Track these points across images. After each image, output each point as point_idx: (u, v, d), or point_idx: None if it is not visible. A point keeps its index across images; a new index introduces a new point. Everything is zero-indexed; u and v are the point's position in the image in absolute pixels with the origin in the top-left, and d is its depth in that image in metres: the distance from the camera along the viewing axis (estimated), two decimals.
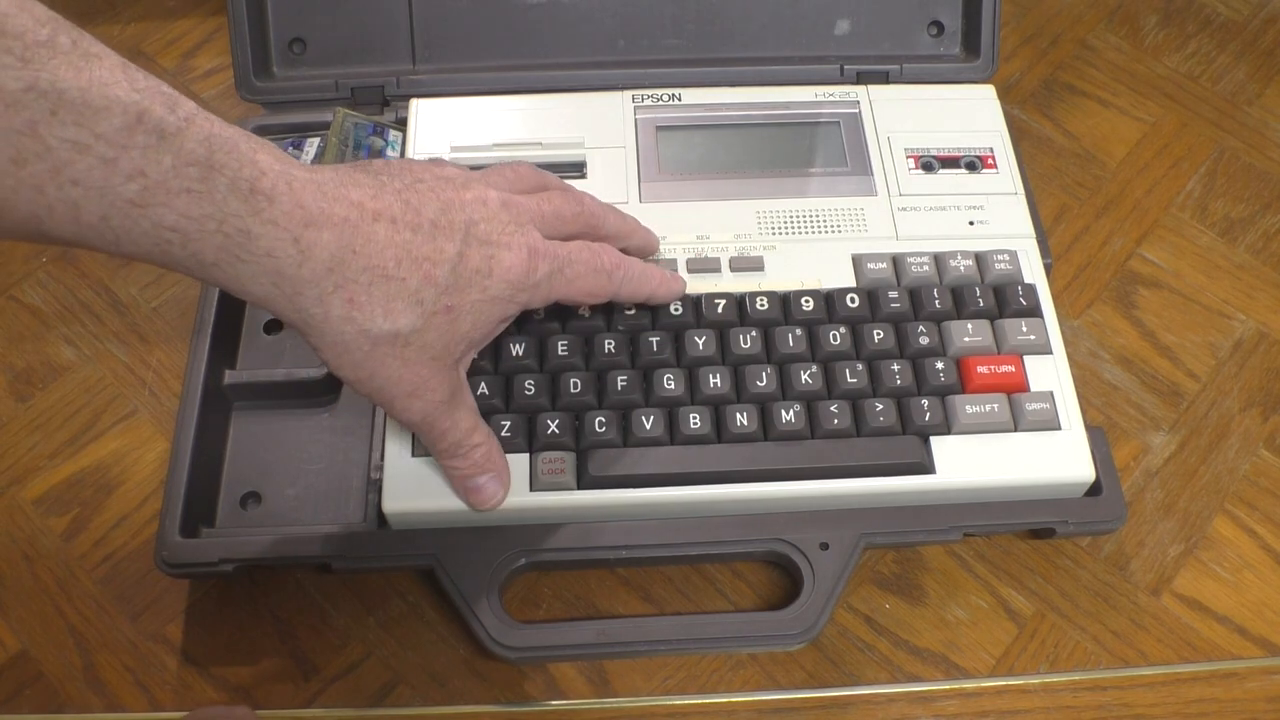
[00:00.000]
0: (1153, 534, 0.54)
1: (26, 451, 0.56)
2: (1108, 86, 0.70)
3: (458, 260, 0.42)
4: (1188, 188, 0.66)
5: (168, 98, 0.36)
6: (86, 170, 0.34)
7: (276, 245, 0.38)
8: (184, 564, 0.48)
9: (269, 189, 0.37)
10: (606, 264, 0.47)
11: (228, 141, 0.37)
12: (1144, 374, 0.59)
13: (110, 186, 0.34)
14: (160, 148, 0.35)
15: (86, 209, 0.34)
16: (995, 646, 0.51)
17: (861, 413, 0.50)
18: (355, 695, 0.49)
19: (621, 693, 0.50)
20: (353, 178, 0.41)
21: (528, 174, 0.48)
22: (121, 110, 0.34)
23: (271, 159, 0.38)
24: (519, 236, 0.44)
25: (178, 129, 0.35)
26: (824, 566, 0.49)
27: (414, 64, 0.62)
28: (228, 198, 0.36)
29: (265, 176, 0.37)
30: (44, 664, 0.50)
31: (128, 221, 0.35)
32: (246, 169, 0.37)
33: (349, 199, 0.40)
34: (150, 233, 0.36)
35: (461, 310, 0.42)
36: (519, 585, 0.52)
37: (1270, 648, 0.51)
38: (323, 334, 0.41)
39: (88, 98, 0.33)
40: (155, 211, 0.35)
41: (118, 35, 0.72)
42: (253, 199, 0.37)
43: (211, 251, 0.37)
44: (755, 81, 0.61)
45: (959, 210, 0.56)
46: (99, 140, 0.34)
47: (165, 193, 0.35)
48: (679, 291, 0.52)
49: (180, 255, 0.37)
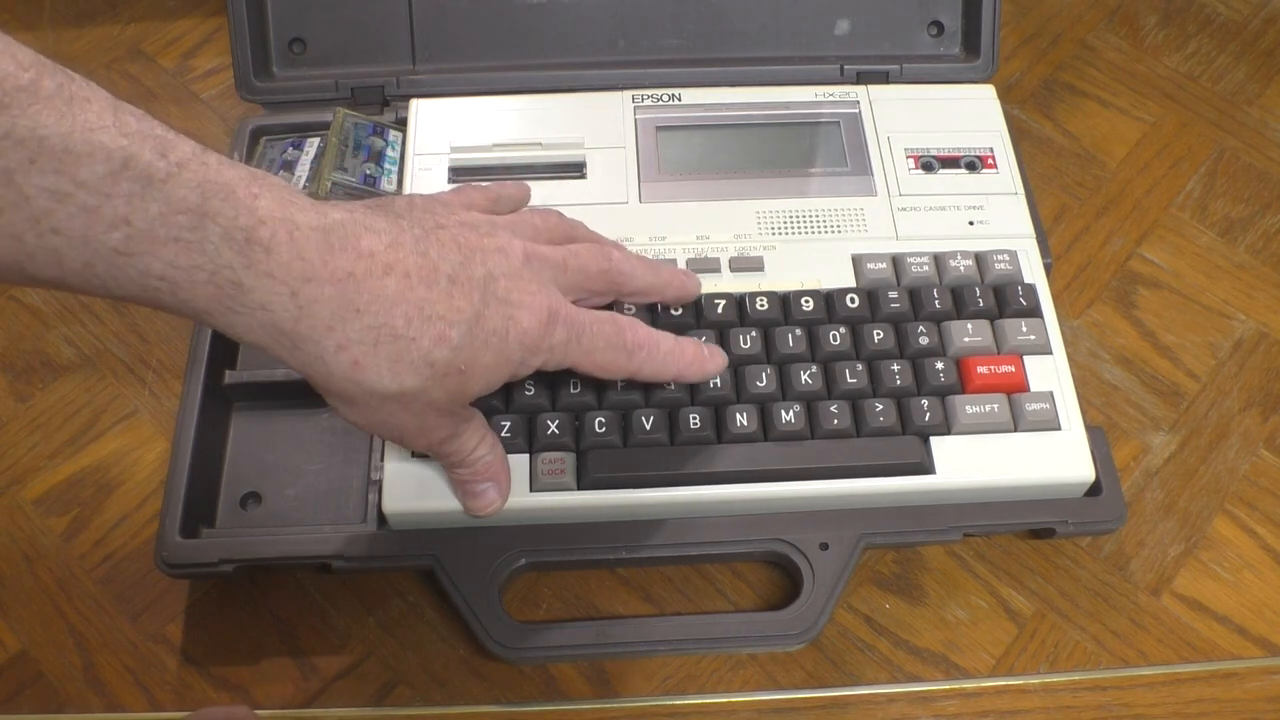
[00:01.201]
0: (1153, 534, 0.54)
1: (26, 451, 0.56)
2: (1108, 86, 0.70)
3: (475, 321, 0.40)
4: (1188, 188, 0.66)
5: (159, 142, 0.34)
6: (67, 219, 0.33)
7: (272, 299, 0.36)
8: (184, 564, 0.48)
9: (267, 239, 0.36)
10: (628, 341, 0.45)
11: (224, 187, 0.35)
12: (1144, 374, 0.59)
13: (93, 235, 0.33)
14: (147, 195, 0.34)
15: (69, 256, 0.33)
16: (995, 646, 0.51)
17: (861, 413, 0.50)
18: (355, 695, 0.49)
19: (621, 693, 0.50)
20: (368, 222, 0.39)
21: (555, 223, 0.47)
22: (105, 156, 0.33)
23: (274, 204, 0.36)
24: (539, 297, 0.42)
25: (167, 175, 0.34)
26: (824, 566, 0.49)
27: (414, 64, 0.62)
28: (221, 248, 0.35)
29: (264, 225, 0.36)
30: (44, 664, 0.50)
31: (113, 269, 0.34)
32: (243, 217, 0.35)
33: (359, 248, 0.38)
34: (137, 280, 0.35)
35: (474, 373, 0.41)
36: (519, 585, 0.52)
37: (1270, 648, 0.51)
38: (327, 387, 0.40)
39: (69, 144, 0.32)
40: (141, 260, 0.34)
41: (118, 35, 0.72)
42: (248, 250, 0.35)
43: (203, 300, 0.36)
44: (755, 81, 0.61)
45: (959, 210, 0.56)
46: (80, 188, 0.33)
47: (151, 241, 0.34)
48: (713, 372, 0.48)
49: (170, 302, 0.36)
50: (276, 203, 0.36)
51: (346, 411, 0.41)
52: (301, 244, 0.36)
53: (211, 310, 0.36)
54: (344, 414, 0.41)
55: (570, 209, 0.56)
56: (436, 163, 0.57)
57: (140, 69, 0.70)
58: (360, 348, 0.38)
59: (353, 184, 0.56)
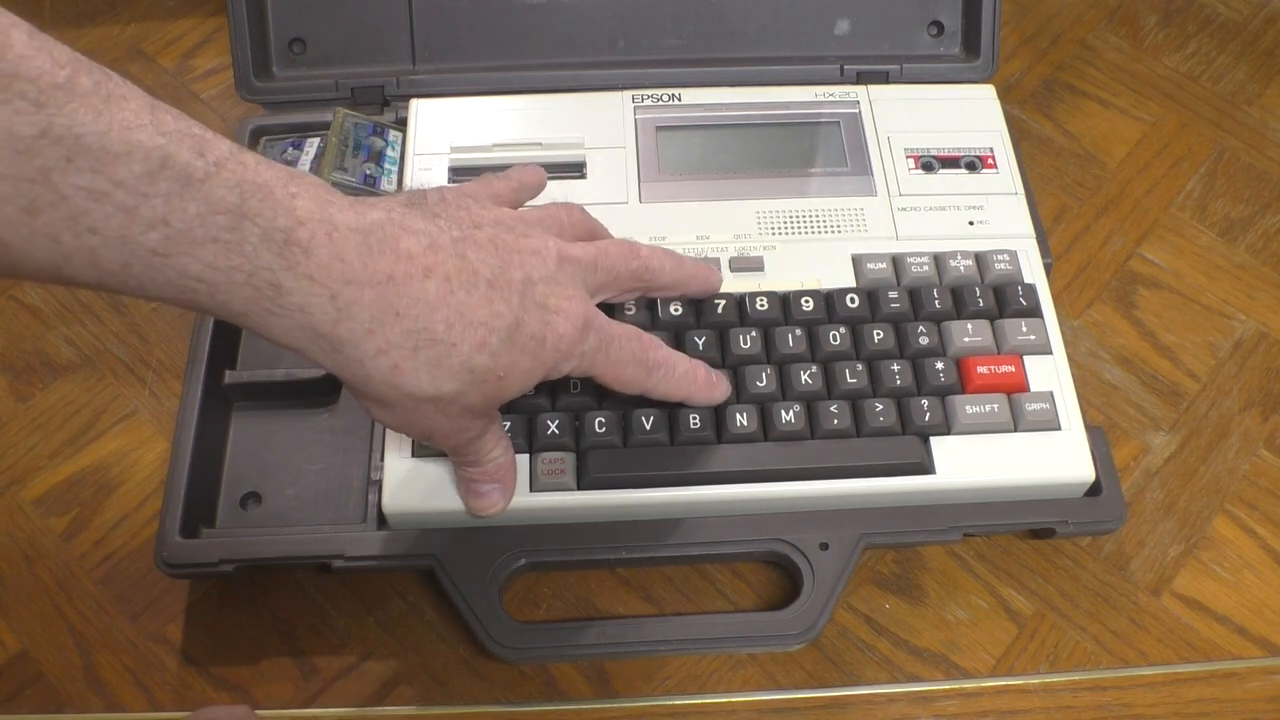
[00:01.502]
0: (1153, 534, 0.54)
1: (26, 451, 0.56)
2: (1108, 86, 0.70)
3: (514, 327, 0.40)
4: (1188, 188, 0.66)
5: (197, 141, 0.34)
6: (104, 219, 0.32)
7: (311, 301, 0.36)
8: (184, 564, 0.48)
9: (306, 240, 0.35)
10: (650, 360, 0.45)
11: (262, 187, 0.35)
12: (1144, 374, 0.59)
13: (130, 235, 0.33)
14: (185, 195, 0.33)
15: (106, 257, 0.33)
16: (995, 646, 0.51)
17: (861, 413, 0.50)
18: (355, 695, 0.49)
19: (621, 693, 0.50)
20: (406, 221, 0.38)
21: (580, 219, 0.47)
22: (144, 156, 0.32)
23: (313, 204, 0.36)
24: (575, 303, 0.42)
25: (206, 175, 0.33)
26: (824, 566, 0.49)
27: (414, 64, 0.62)
28: (259, 249, 0.34)
29: (303, 226, 0.35)
30: (44, 664, 0.50)
31: (150, 270, 0.34)
32: (282, 218, 0.35)
33: (399, 250, 0.37)
34: (175, 281, 0.34)
35: (512, 377, 0.41)
36: (519, 585, 0.52)
37: (1270, 648, 0.51)
38: (364, 390, 0.39)
39: (106, 143, 0.32)
40: (179, 261, 0.34)
41: (118, 35, 0.72)
42: (287, 251, 0.35)
43: (240, 302, 0.35)
44: (755, 81, 0.61)
45: (959, 210, 0.56)
46: (118, 188, 0.32)
47: (190, 242, 0.33)
48: (718, 399, 0.49)
49: (208, 304, 0.35)
50: (315, 202, 0.36)
51: (379, 413, 0.41)
52: (341, 245, 0.36)
53: (249, 312, 0.36)
54: (376, 414, 0.41)
55: None
56: (436, 163, 0.57)
57: (140, 69, 0.70)
58: (400, 352, 0.38)
59: (353, 184, 0.56)
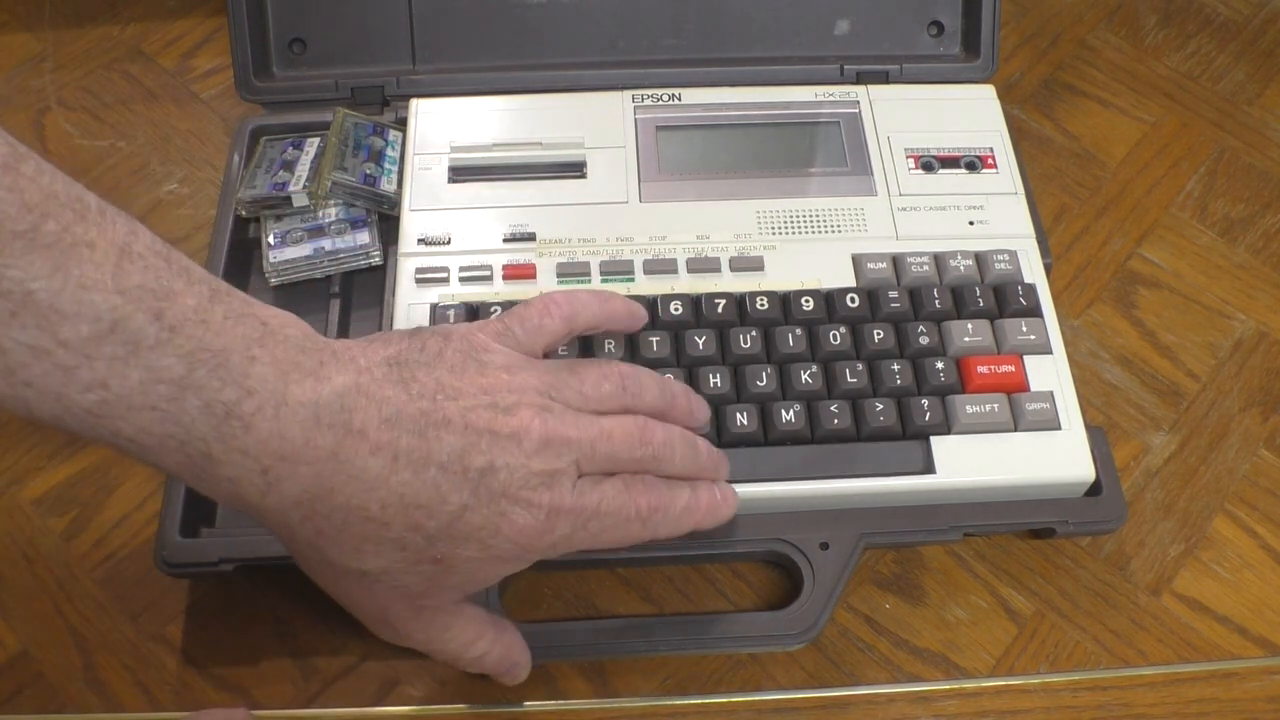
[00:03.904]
0: (1153, 534, 0.54)
1: (26, 451, 0.56)
2: (1108, 86, 0.70)
3: (458, 514, 0.37)
4: (1188, 188, 0.66)
5: (159, 298, 0.33)
6: (42, 375, 0.31)
7: (240, 474, 0.35)
8: (184, 564, 0.48)
9: (249, 415, 0.34)
10: (643, 509, 0.41)
11: (217, 354, 0.34)
12: (1144, 374, 0.59)
13: (66, 394, 0.32)
14: (130, 361, 0.32)
15: (39, 408, 0.32)
16: (995, 646, 0.51)
17: (862, 413, 0.50)
18: (355, 695, 0.49)
19: (621, 693, 0.50)
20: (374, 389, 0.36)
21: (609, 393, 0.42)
22: (94, 317, 0.31)
23: (270, 371, 0.34)
24: (543, 493, 0.38)
25: (157, 341, 0.32)
26: (824, 566, 0.49)
27: (414, 64, 0.62)
28: (197, 420, 0.33)
29: (250, 398, 0.34)
30: (44, 664, 0.50)
31: (83, 426, 0.33)
32: (229, 390, 0.34)
33: (350, 425, 0.36)
34: (106, 438, 0.33)
35: (455, 563, 0.38)
36: (519, 585, 0.52)
37: (1270, 648, 0.51)
38: (289, 547, 0.38)
39: (57, 301, 0.31)
40: (113, 423, 0.33)
41: (118, 35, 0.72)
42: (225, 425, 0.34)
43: (172, 465, 0.34)
44: (755, 81, 0.61)
45: (959, 210, 0.56)
46: (61, 347, 0.31)
47: (126, 408, 0.33)
48: (726, 516, 0.45)
49: (138, 459, 0.34)
50: (274, 370, 0.35)
51: (307, 570, 0.40)
52: (285, 422, 0.34)
53: (180, 474, 0.35)
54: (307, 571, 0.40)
55: (570, 209, 0.56)
56: (436, 162, 0.57)
57: (140, 69, 0.70)
58: (325, 522, 0.36)
59: (353, 184, 0.56)
